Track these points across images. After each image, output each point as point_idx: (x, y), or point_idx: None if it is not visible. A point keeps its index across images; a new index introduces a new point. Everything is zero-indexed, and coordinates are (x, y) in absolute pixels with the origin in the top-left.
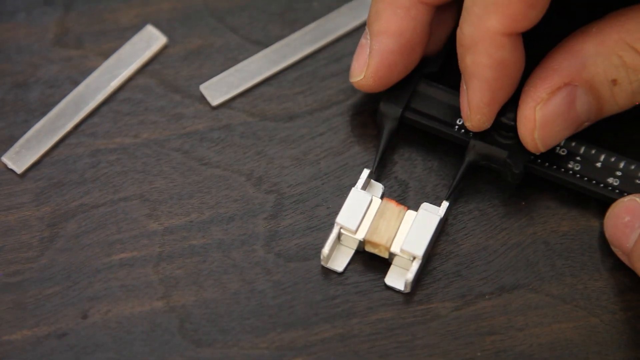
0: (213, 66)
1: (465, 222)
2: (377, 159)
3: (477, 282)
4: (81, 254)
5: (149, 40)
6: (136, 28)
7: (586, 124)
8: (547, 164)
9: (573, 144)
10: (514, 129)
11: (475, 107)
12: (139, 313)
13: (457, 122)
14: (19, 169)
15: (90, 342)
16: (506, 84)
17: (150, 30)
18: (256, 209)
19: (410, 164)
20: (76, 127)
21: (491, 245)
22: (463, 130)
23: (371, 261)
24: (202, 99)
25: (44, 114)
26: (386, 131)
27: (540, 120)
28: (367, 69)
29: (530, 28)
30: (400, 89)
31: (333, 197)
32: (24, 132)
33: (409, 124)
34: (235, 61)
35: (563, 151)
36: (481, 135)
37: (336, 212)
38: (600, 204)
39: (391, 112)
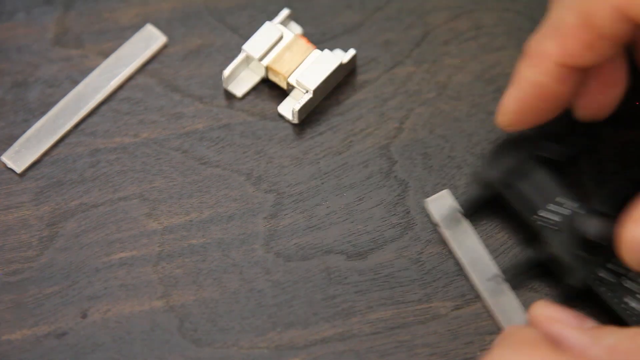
0: (213, 66)
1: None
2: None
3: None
4: (81, 253)
5: (149, 40)
6: (136, 27)
7: None
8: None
9: None
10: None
11: (503, 109)
12: (139, 312)
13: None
14: (19, 168)
15: (90, 341)
16: (539, 107)
17: (150, 29)
18: (256, 209)
19: (410, 163)
20: (76, 126)
21: (491, 245)
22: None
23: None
24: (202, 98)
25: (43, 113)
26: (477, 191)
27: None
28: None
29: (587, 67)
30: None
31: (332, 197)
32: (24, 132)
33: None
34: None
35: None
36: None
37: (336, 212)
38: None
39: (485, 177)
